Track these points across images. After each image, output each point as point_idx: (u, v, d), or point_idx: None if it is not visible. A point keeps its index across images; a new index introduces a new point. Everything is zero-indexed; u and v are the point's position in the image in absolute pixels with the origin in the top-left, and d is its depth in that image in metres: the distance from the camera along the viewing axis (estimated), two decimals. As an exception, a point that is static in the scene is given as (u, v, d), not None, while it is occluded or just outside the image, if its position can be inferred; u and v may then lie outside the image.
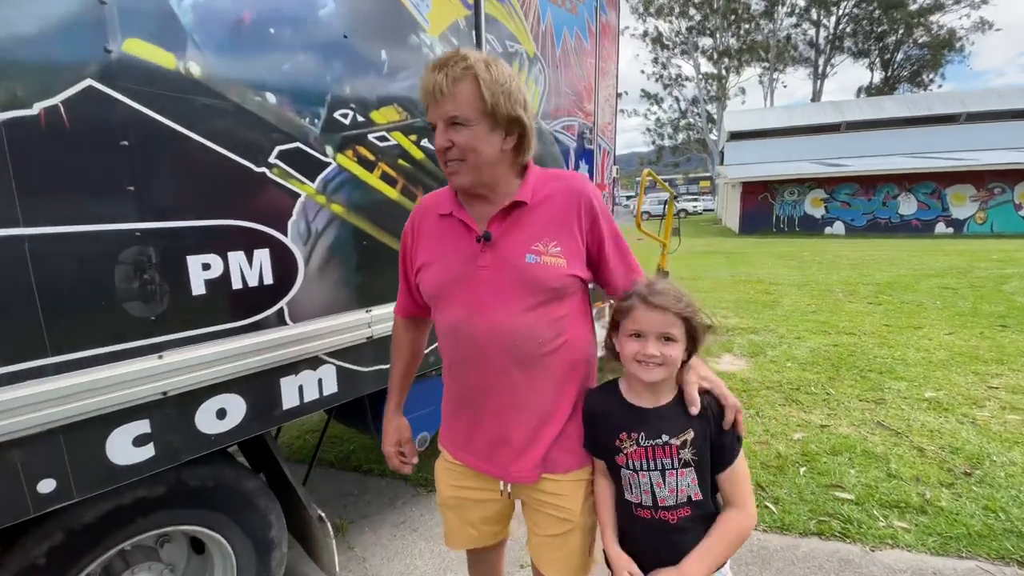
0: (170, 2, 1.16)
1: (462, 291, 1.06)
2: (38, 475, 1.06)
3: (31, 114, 0.98)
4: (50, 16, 0.99)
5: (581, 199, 1.07)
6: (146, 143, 1.15)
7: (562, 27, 2.41)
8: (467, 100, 0.96)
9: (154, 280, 1.19)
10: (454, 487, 1.23)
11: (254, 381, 1.40)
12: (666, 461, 1.01)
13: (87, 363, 1.10)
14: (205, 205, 1.26)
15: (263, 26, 1.34)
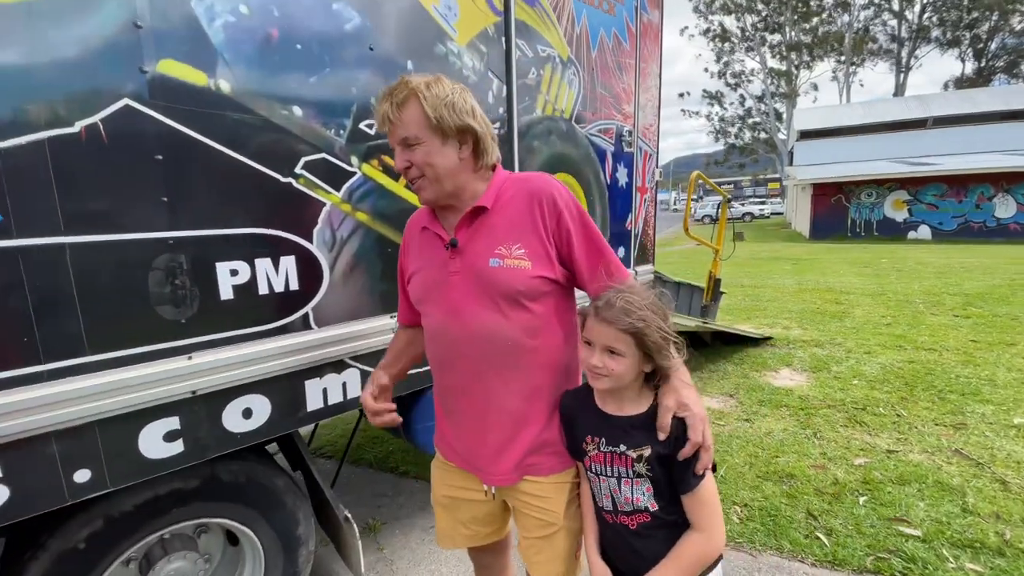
0: (201, 23, 1.23)
1: (439, 297, 1.12)
2: (74, 465, 1.14)
3: (73, 131, 1.07)
4: (90, 40, 1.08)
5: (544, 198, 1.07)
6: (178, 157, 1.22)
7: (598, 28, 2.35)
8: (413, 120, 1.03)
9: (185, 285, 1.26)
10: (446, 486, 1.26)
11: (279, 383, 1.46)
12: (622, 469, 1.02)
13: (122, 362, 1.18)
14: (233, 214, 1.33)
15: (290, 42, 1.39)
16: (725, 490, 2.44)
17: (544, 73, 2.12)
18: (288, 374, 1.47)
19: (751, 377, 3.92)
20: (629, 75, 2.59)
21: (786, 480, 2.51)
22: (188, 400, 1.29)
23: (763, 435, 2.98)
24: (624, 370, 0.98)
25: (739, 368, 4.12)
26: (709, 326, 4.01)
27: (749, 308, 6.46)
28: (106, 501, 1.29)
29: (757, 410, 3.34)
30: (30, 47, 1.01)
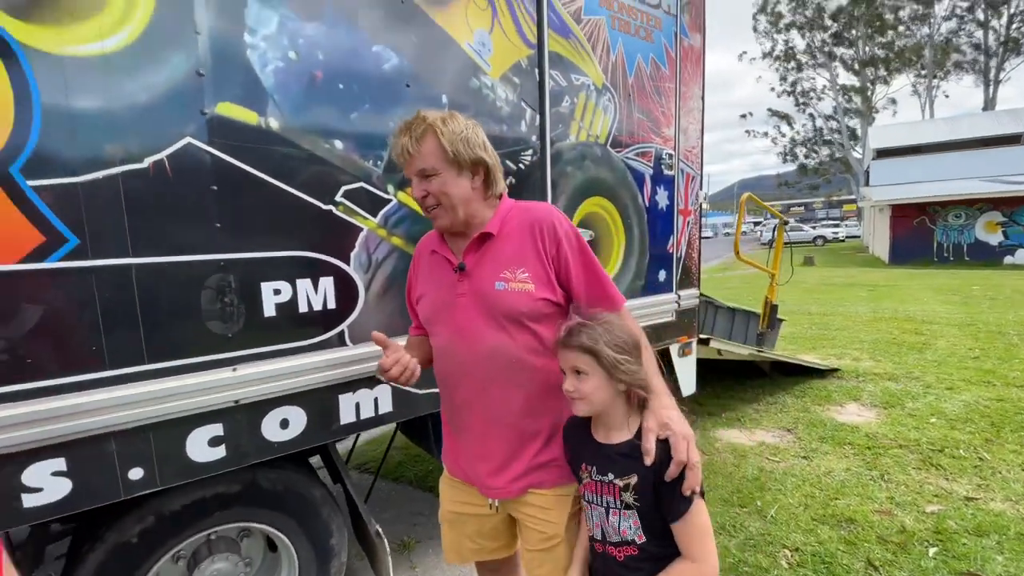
0: (255, 69, 1.38)
1: (446, 317, 1.18)
2: (129, 464, 1.27)
3: (142, 167, 1.23)
4: (160, 87, 1.24)
5: (544, 226, 1.14)
6: (231, 187, 1.36)
7: (635, 55, 2.38)
8: (431, 153, 1.11)
9: (232, 303, 1.38)
10: (452, 502, 1.31)
11: (315, 396, 1.54)
12: (609, 499, 1.01)
13: (175, 371, 1.31)
14: (278, 238, 1.45)
15: (333, 82, 1.53)
16: (775, 532, 2.27)
17: (578, 101, 2.16)
18: (323, 388, 1.55)
19: (813, 411, 3.66)
20: (669, 99, 2.58)
21: (845, 525, 2.30)
22: (231, 409, 1.40)
23: (822, 474, 2.76)
24: (592, 389, 1.01)
25: (800, 401, 3.86)
26: (765, 355, 3.80)
27: (815, 337, 6.04)
28: (157, 500, 1.41)
29: (817, 447, 3.10)
30: (109, 94, 1.18)
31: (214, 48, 1.31)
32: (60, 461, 1.19)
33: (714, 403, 3.91)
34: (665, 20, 2.52)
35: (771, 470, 2.83)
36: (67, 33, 1.13)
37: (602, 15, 2.23)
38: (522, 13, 1.96)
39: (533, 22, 1.99)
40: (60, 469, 1.19)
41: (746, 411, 3.74)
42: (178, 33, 1.26)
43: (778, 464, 2.92)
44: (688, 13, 2.65)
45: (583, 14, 2.15)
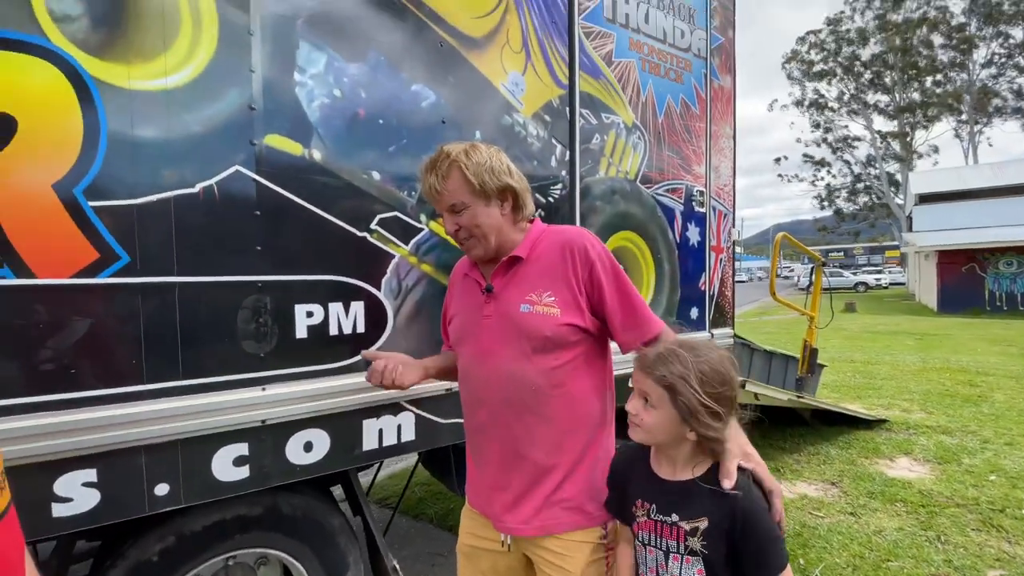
0: (302, 104, 1.47)
1: (472, 339, 1.19)
2: (156, 479, 1.28)
3: (193, 191, 1.30)
4: (214, 119, 1.33)
5: (575, 249, 1.12)
6: (273, 213, 1.42)
7: (665, 95, 2.43)
8: (458, 188, 1.14)
9: (267, 323, 1.42)
10: (469, 534, 1.26)
11: (340, 420, 1.55)
12: (671, 543, 0.91)
13: (207, 388, 1.34)
14: (314, 262, 1.50)
15: (374, 118, 1.61)
16: (821, 593, 2.09)
17: (608, 138, 2.21)
18: (348, 412, 1.55)
19: (859, 464, 3.42)
20: (699, 138, 2.61)
21: (901, 590, 2.10)
22: (258, 428, 1.41)
23: (872, 533, 2.55)
24: (655, 424, 0.93)
25: (845, 453, 3.62)
26: (805, 401, 3.60)
27: (860, 386, 5.73)
28: (179, 519, 1.41)
29: (866, 503, 2.88)
30: (168, 124, 1.27)
31: (266, 85, 1.41)
32: (92, 472, 1.21)
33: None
34: (695, 63, 2.57)
35: (815, 526, 2.63)
36: (135, 69, 1.23)
37: (632, 58, 2.30)
38: (554, 56, 2.04)
39: (565, 64, 2.07)
40: (91, 480, 1.21)
41: (785, 461, 3.53)
42: (235, 72, 1.36)
43: (822, 520, 2.71)
44: (718, 56, 2.71)
45: (614, 57, 2.22)
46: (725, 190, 2.79)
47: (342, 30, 1.53)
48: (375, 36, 1.60)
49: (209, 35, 1.33)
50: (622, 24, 2.25)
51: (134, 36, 1.23)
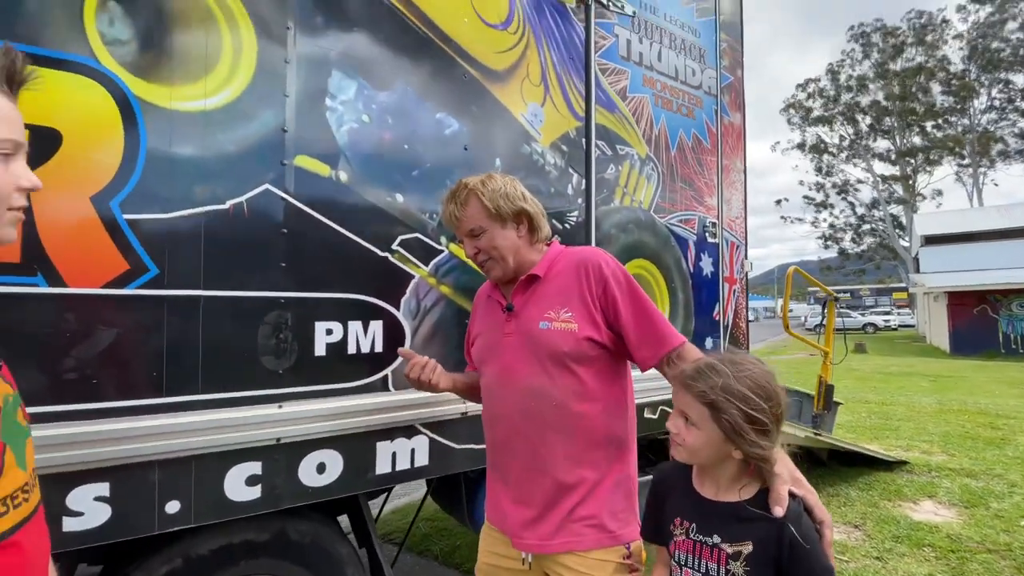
0: (331, 128, 1.52)
1: (494, 356, 1.22)
2: (168, 496, 1.25)
3: (223, 208, 1.33)
4: (248, 139, 1.38)
5: (590, 267, 1.16)
6: (299, 231, 1.45)
7: (677, 129, 2.49)
8: (476, 213, 1.22)
9: (287, 340, 1.42)
10: (488, 553, 1.24)
11: (354, 441, 1.52)
12: (712, 566, 0.87)
13: (224, 403, 1.33)
14: (336, 281, 1.51)
15: (399, 143, 1.66)
16: (851, 642, 1.97)
17: (622, 169, 2.25)
18: (363, 433, 1.53)
19: (882, 507, 3.29)
20: (711, 171, 2.65)
21: (936, 640, 1.98)
22: (272, 447, 1.39)
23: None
24: (697, 443, 0.90)
25: (866, 495, 3.49)
26: (823, 439, 3.50)
27: (876, 427, 5.58)
28: (186, 542, 1.37)
29: (892, 547, 2.75)
30: (205, 143, 1.32)
31: (298, 109, 1.46)
32: (104, 486, 1.19)
33: (767, 491, 3.58)
34: (706, 100, 2.65)
35: (840, 570, 2.51)
36: (177, 91, 1.29)
37: (646, 93, 2.38)
38: (572, 90, 2.11)
39: (581, 98, 2.14)
40: (103, 495, 1.19)
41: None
42: (270, 96, 1.42)
43: (847, 564, 2.59)
44: (728, 94, 2.79)
45: (628, 92, 2.30)
46: (737, 222, 2.82)
47: (372, 61, 1.60)
48: (403, 67, 1.67)
49: (248, 62, 1.39)
50: (636, 62, 2.34)
51: (178, 60, 1.29)
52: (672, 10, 2.51)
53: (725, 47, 2.77)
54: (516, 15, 1.95)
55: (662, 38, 2.45)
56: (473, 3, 1.83)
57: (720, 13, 2.75)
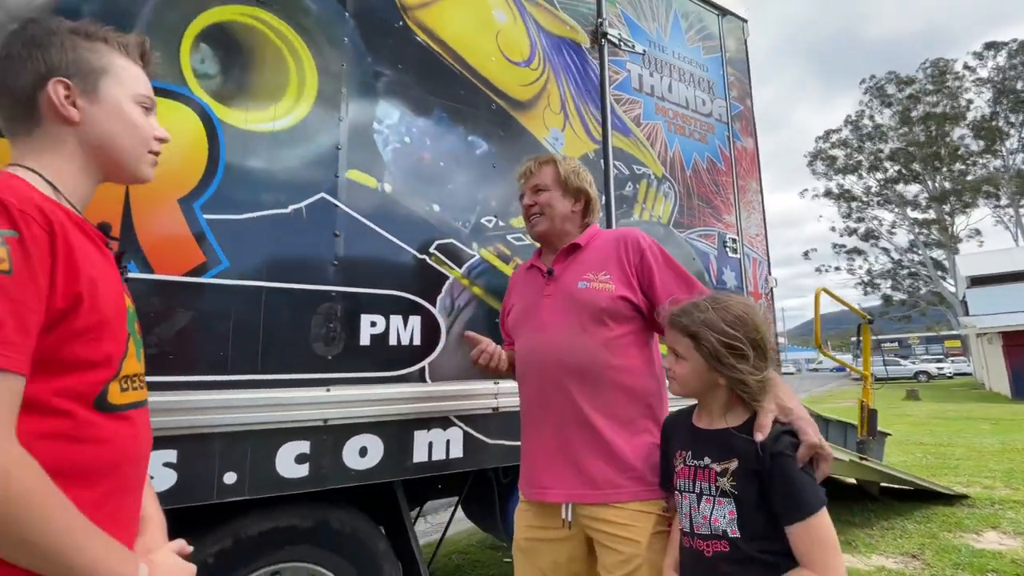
0: (378, 147, 1.74)
1: (530, 317, 1.31)
2: (226, 467, 1.36)
3: (285, 212, 1.53)
4: (309, 155, 1.59)
5: (628, 240, 1.29)
6: (350, 233, 1.63)
7: (691, 153, 2.65)
8: (548, 175, 1.40)
9: (336, 329, 1.56)
10: (526, 528, 1.27)
11: (393, 428, 1.61)
12: (704, 485, 0.95)
13: (280, 384, 1.46)
14: (380, 278, 1.67)
15: (436, 161, 1.86)
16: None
17: (640, 187, 2.41)
18: (401, 421, 1.62)
19: (941, 537, 3.08)
20: (727, 190, 2.78)
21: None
22: (320, 428, 1.50)
23: (966, 604, 2.25)
24: (685, 374, 0.99)
25: (923, 527, 3.27)
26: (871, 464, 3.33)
27: (934, 466, 5.23)
28: (236, 523, 1.46)
29: (953, 573, 2.56)
30: (272, 157, 1.53)
31: (351, 131, 1.69)
32: (172, 453, 1.31)
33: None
34: (718, 126, 2.83)
35: (897, 596, 2.35)
36: (251, 115, 1.53)
37: (659, 120, 2.57)
38: (589, 117, 2.32)
39: (599, 124, 2.34)
40: (171, 461, 1.31)
41: (857, 535, 3.21)
42: (327, 119, 1.65)
43: (906, 590, 2.42)
44: (739, 121, 2.96)
45: (642, 119, 2.49)
46: (757, 239, 2.90)
47: (412, 92, 1.84)
48: (440, 97, 1.90)
49: (310, 92, 1.63)
50: (648, 93, 2.55)
51: (253, 92, 1.54)
52: (679, 48, 2.75)
53: (732, 80, 2.98)
54: (537, 54, 2.20)
55: (671, 72, 2.67)
56: (499, 44, 2.09)
57: (726, 50, 2.98)
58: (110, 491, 0.69)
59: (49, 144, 0.75)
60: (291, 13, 1.63)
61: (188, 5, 1.48)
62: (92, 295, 0.68)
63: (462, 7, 2.00)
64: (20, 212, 0.62)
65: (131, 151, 0.82)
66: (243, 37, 1.55)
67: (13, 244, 0.61)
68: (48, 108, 0.74)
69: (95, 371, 0.69)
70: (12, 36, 0.75)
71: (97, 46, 0.79)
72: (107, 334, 0.70)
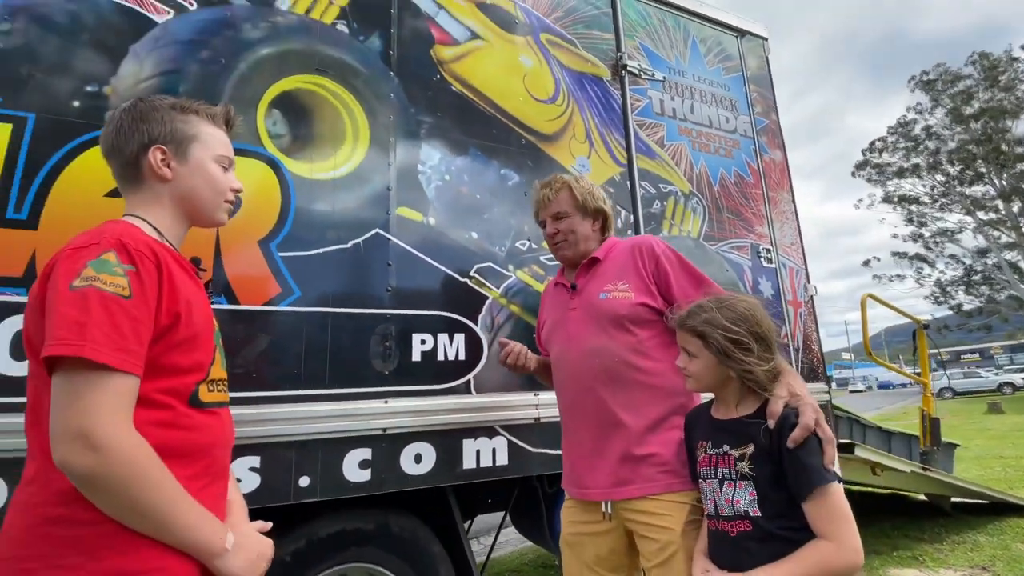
0: (423, 187, 1.96)
1: (561, 330, 1.42)
2: (301, 472, 1.55)
3: (346, 247, 1.76)
4: (364, 197, 1.83)
5: (643, 247, 1.38)
6: (401, 263, 1.84)
7: (717, 168, 2.75)
8: (565, 201, 1.48)
9: (391, 347, 1.75)
10: (571, 523, 1.36)
11: (444, 436, 1.77)
12: (725, 471, 1.03)
13: (346, 397, 1.65)
14: (428, 300, 1.86)
15: (473, 193, 2.06)
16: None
17: (667, 204, 2.52)
18: (451, 430, 1.78)
19: (1013, 548, 2.90)
20: (758, 202, 2.84)
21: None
22: (380, 436, 1.67)
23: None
24: (698, 370, 1.09)
25: (995, 539, 3.08)
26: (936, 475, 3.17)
27: (1013, 479, 4.85)
28: (309, 525, 1.63)
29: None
30: (334, 201, 1.77)
31: (399, 173, 1.91)
32: (256, 459, 1.51)
33: (882, 541, 3.26)
34: (743, 141, 2.91)
35: (968, 609, 2.24)
36: (315, 166, 1.78)
37: (683, 141, 2.69)
38: (614, 143, 2.47)
39: (623, 148, 2.49)
40: (255, 465, 1.51)
41: (924, 549, 3.06)
42: (379, 165, 1.89)
43: (977, 604, 2.31)
44: (765, 135, 3.04)
45: (666, 141, 2.63)
46: (793, 248, 2.92)
47: (450, 134, 2.06)
48: (474, 137, 2.11)
49: (363, 142, 1.88)
50: (670, 116, 2.68)
51: (316, 146, 1.80)
52: (699, 71, 2.88)
53: (756, 96, 3.07)
54: (561, 91, 2.39)
55: (692, 94, 2.80)
56: (526, 85, 2.30)
57: (747, 69, 3.09)
58: (202, 471, 0.87)
59: (152, 198, 0.96)
60: (345, 77, 1.89)
61: (262, 79, 1.76)
62: (188, 314, 0.87)
63: (491, 56, 2.23)
64: (136, 251, 0.82)
65: (210, 201, 1.02)
66: (306, 101, 1.82)
67: (132, 276, 0.80)
68: (148, 169, 0.95)
69: (189, 375, 0.87)
70: (124, 112, 0.97)
71: (189, 118, 0.99)
72: (199, 345, 0.89)
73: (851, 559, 0.90)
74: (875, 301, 3.75)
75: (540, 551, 3.68)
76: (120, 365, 0.75)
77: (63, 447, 0.72)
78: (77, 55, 1.53)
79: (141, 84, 1.59)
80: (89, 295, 0.75)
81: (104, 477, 0.72)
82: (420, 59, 2.06)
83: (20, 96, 1.43)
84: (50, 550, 0.73)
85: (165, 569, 0.77)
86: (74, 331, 0.73)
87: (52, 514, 0.74)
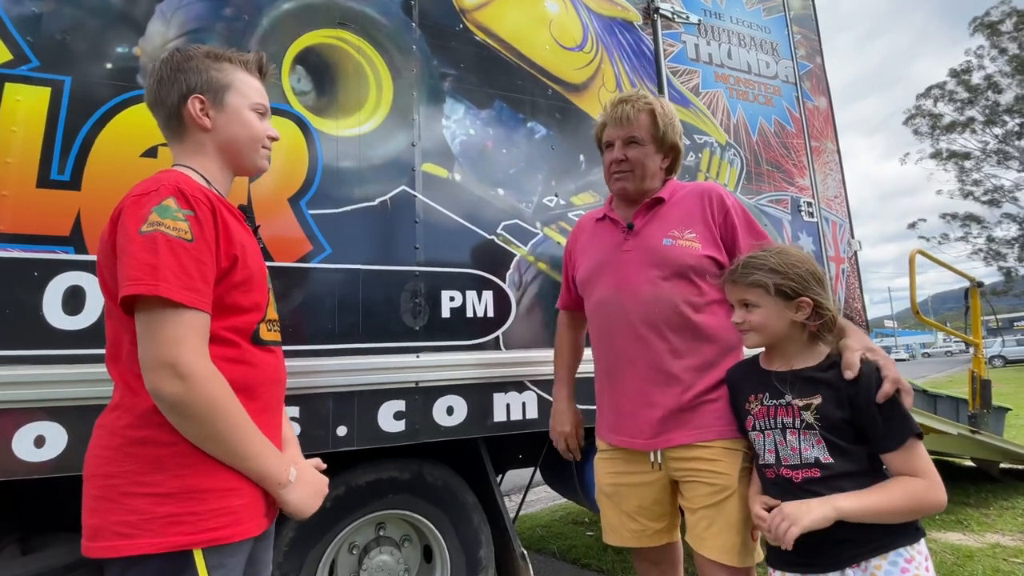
0: (447, 141, 1.93)
1: (609, 272, 1.31)
2: (338, 422, 1.60)
3: (374, 204, 1.76)
4: (390, 153, 1.81)
5: (713, 196, 1.27)
6: (428, 220, 1.83)
7: (756, 117, 2.60)
8: (645, 126, 1.29)
9: (420, 304, 1.77)
10: (611, 474, 1.32)
11: (474, 390, 1.79)
12: (787, 420, 1.00)
13: (379, 351, 1.68)
14: (455, 258, 1.86)
15: (499, 148, 2.02)
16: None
17: (703, 156, 2.41)
18: (481, 384, 1.80)
19: (1071, 515, 2.77)
20: (799, 153, 2.69)
21: None
22: (412, 389, 1.71)
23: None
24: (761, 319, 1.04)
25: (1050, 505, 2.95)
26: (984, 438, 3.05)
27: (1074, 447, 4.61)
28: (348, 473, 1.70)
29: (1085, 550, 2.32)
30: (360, 158, 1.77)
31: (424, 128, 1.89)
32: (296, 409, 1.57)
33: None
34: (785, 88, 2.74)
35: (1009, 571, 2.18)
36: (341, 123, 1.77)
37: (719, 88, 2.55)
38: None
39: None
40: (295, 415, 1.57)
41: (970, 514, 2.97)
42: (404, 121, 1.86)
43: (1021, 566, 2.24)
44: (809, 80, 2.84)
45: (701, 88, 2.49)
46: (836, 201, 2.77)
47: (474, 87, 2.01)
48: (499, 89, 2.05)
49: (387, 98, 1.85)
50: (706, 62, 2.54)
51: (341, 102, 1.78)
52: (738, 13, 2.69)
53: (799, 38, 2.86)
54: (589, 37, 2.28)
55: (730, 38, 2.63)
56: (552, 33, 2.20)
57: (790, 9, 2.87)
58: (264, 405, 0.92)
59: (196, 147, 0.98)
60: (367, 29, 1.85)
61: (285, 35, 1.74)
62: (243, 256, 0.90)
63: (516, 3, 2.14)
64: (193, 197, 0.85)
65: (249, 146, 1.03)
66: (329, 56, 1.79)
67: (192, 220, 0.83)
68: (190, 119, 0.96)
69: (250, 313, 0.91)
70: (163, 63, 0.98)
71: (223, 66, 1.00)
72: (255, 286, 0.93)
73: (940, 496, 0.90)
74: (925, 257, 3.54)
75: (571, 508, 3.76)
76: (192, 303, 0.79)
77: (154, 376, 0.77)
78: (107, 16, 1.54)
79: (168, 43, 1.60)
80: (157, 239, 0.79)
81: (190, 404, 0.77)
82: (442, 8, 2.00)
83: (56, 60, 1.46)
84: (135, 467, 0.79)
85: (236, 490, 0.83)
86: (148, 272, 0.77)
87: (136, 435, 0.80)
